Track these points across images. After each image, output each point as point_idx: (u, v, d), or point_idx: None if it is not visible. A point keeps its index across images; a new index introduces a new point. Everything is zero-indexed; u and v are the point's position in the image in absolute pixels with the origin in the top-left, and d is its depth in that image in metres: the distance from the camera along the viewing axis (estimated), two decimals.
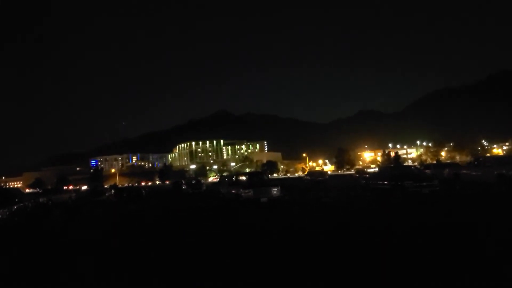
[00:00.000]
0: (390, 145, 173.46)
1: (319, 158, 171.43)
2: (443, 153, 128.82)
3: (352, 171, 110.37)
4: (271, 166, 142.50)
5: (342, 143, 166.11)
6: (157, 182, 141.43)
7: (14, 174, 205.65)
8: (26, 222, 16.25)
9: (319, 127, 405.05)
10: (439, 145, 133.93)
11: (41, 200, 32.52)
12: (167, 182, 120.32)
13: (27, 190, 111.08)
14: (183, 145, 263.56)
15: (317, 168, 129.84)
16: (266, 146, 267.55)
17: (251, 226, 12.14)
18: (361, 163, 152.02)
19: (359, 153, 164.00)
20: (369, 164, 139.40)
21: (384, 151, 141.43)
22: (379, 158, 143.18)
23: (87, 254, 9.12)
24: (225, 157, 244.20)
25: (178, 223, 14.54)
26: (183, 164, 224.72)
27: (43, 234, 14.08)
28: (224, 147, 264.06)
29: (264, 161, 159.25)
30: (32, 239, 12.73)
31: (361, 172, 57.70)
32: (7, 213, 14.98)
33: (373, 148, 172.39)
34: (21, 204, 17.10)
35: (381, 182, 22.73)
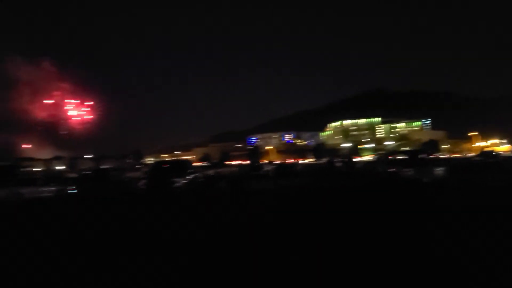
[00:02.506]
0: None
1: (490, 138, 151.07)
2: None
3: None
4: (433, 145, 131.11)
5: None
6: (311, 160, 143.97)
7: (187, 150, 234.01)
8: (198, 190, 18.28)
9: (488, 103, 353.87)
10: None
11: (209, 172, 36.38)
12: (319, 161, 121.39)
13: (197, 164, 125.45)
14: (336, 123, 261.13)
15: (488, 149, 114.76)
16: (427, 124, 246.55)
17: (412, 208, 11.29)
18: None
19: None
20: None
21: None
22: None
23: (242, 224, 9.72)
24: (380, 136, 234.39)
25: (332, 200, 14.44)
26: (336, 142, 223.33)
27: (209, 200, 15.58)
28: (379, 126, 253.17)
29: (425, 140, 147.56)
30: (201, 203, 14.21)
31: None
32: (184, 181, 17.12)
33: None
34: (195, 175, 19.31)
35: None
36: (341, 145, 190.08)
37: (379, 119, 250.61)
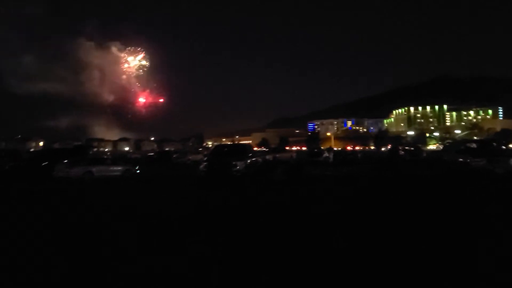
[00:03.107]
0: None
1: None
2: None
3: None
4: (507, 135, 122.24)
5: None
6: (372, 147, 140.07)
7: (245, 134, 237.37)
8: (257, 174, 18.44)
9: None
10: None
11: (267, 157, 36.50)
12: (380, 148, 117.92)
13: (255, 148, 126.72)
14: (400, 110, 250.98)
15: None
16: (500, 113, 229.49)
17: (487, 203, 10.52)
18: None
19: None
20: None
21: None
22: None
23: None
24: (448, 124, 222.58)
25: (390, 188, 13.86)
26: (400, 130, 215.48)
27: (267, 183, 15.57)
28: (447, 113, 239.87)
29: (498, 129, 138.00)
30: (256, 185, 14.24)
31: None
32: (244, 165, 17.33)
33: None
34: (254, 159, 19.47)
35: None
36: (406, 133, 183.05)
37: (446, 106, 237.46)
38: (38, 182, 18.86)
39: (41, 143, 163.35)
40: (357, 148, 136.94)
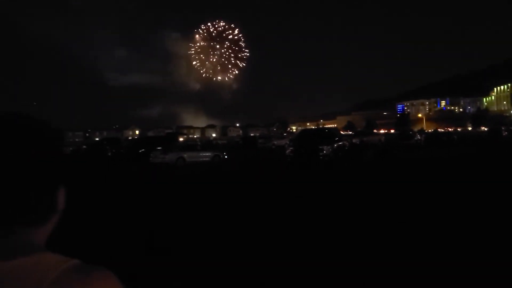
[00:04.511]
0: None
1: None
2: None
3: None
4: None
5: None
6: (469, 129, 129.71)
7: (330, 118, 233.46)
8: (343, 157, 18.02)
9: None
10: None
11: (353, 140, 35.48)
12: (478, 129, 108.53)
13: (340, 132, 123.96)
14: (502, 87, 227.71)
15: None
16: None
17: None
18: None
19: None
20: None
21: None
22: None
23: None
24: None
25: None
26: (502, 108, 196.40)
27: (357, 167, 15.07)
28: None
29: None
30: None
31: None
32: (330, 149, 16.96)
33: None
34: (340, 143, 18.99)
35: None
36: (509, 112, 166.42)
37: None
38: (139, 167, 20.32)
39: (137, 132, 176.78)
40: (449, 129, 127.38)
